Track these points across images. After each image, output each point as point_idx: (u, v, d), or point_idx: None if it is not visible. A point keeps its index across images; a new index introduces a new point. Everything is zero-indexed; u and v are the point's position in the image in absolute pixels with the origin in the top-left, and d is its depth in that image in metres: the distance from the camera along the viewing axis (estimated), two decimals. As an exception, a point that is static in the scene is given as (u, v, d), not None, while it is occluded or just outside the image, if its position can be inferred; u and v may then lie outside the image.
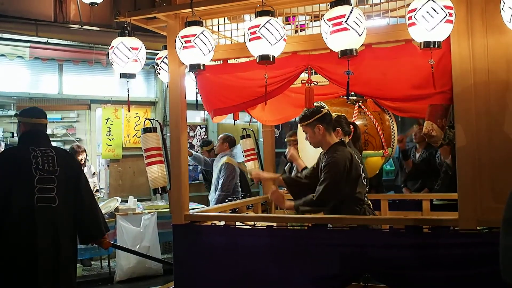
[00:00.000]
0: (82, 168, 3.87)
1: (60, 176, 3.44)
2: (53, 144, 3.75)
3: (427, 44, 2.69)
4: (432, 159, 5.59)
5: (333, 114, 3.90)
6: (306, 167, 3.95)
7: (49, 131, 4.10)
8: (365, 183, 3.58)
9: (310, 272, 3.17)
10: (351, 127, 3.90)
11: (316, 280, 3.15)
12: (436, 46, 2.68)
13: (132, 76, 3.58)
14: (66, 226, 3.45)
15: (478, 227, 2.88)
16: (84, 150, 6.90)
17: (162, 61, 3.91)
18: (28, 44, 7.22)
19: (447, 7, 2.64)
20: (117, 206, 6.64)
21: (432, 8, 2.60)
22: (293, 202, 3.55)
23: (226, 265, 3.39)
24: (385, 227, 3.18)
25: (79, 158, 6.40)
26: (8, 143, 6.77)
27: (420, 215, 4.38)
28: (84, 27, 7.57)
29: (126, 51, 3.45)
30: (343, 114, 3.99)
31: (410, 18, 2.68)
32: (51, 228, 3.35)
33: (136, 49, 3.50)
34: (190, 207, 3.71)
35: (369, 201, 3.68)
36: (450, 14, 2.65)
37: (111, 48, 3.49)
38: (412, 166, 5.88)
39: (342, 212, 3.42)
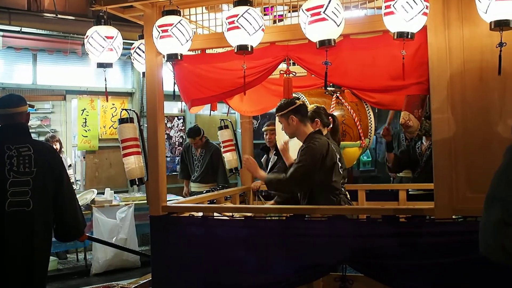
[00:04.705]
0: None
1: (37, 177, 3.23)
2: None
3: (401, 35, 2.69)
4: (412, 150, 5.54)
5: (312, 106, 3.92)
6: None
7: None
8: (341, 173, 3.60)
9: (288, 262, 3.18)
10: (330, 118, 3.92)
11: (295, 270, 3.16)
12: (409, 37, 2.70)
13: (109, 65, 3.48)
14: (42, 229, 3.27)
15: (454, 216, 2.92)
16: (58, 140, 6.82)
17: (135, 51, 3.86)
18: (1, 33, 7.08)
19: None
20: (94, 198, 6.59)
21: None
22: (265, 174, 3.60)
23: (204, 256, 3.38)
24: (363, 217, 3.21)
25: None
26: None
27: (397, 205, 4.43)
28: (59, 16, 7.45)
29: (101, 40, 3.36)
30: (322, 106, 4.00)
31: (388, 6, 2.68)
32: (25, 233, 3.18)
33: (111, 38, 3.40)
34: (167, 199, 3.69)
35: (346, 191, 3.70)
36: (427, 7, 2.68)
37: (86, 38, 3.41)
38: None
39: (317, 200, 3.44)
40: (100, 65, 3.45)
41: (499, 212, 1.60)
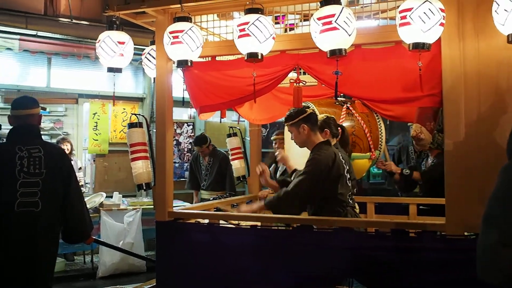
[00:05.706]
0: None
1: (46, 178, 3.26)
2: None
3: (416, 46, 2.65)
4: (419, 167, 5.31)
5: (322, 115, 3.87)
6: (295, 170, 3.88)
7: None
8: (349, 184, 3.54)
9: (294, 272, 3.14)
10: (339, 129, 3.86)
11: (300, 281, 3.12)
12: (426, 48, 2.66)
13: (118, 70, 3.52)
14: (48, 230, 3.29)
15: (466, 233, 2.85)
16: (69, 142, 6.89)
17: (146, 56, 3.88)
18: (18, 37, 7.17)
19: (442, 10, 2.62)
20: (102, 202, 6.59)
21: (429, 9, 2.58)
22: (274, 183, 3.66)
23: (209, 263, 3.36)
24: (371, 230, 3.15)
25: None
26: (-4, 135, 6.70)
27: (406, 219, 4.35)
28: (74, 21, 7.53)
29: (113, 45, 3.40)
30: (332, 116, 3.95)
31: (404, 17, 2.63)
32: (31, 234, 3.19)
33: (123, 43, 3.43)
34: (174, 205, 3.66)
35: (355, 203, 3.64)
36: (444, 18, 2.64)
37: (98, 42, 3.44)
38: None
39: (324, 212, 3.38)
40: (110, 70, 3.50)
41: (496, 233, 1.54)
